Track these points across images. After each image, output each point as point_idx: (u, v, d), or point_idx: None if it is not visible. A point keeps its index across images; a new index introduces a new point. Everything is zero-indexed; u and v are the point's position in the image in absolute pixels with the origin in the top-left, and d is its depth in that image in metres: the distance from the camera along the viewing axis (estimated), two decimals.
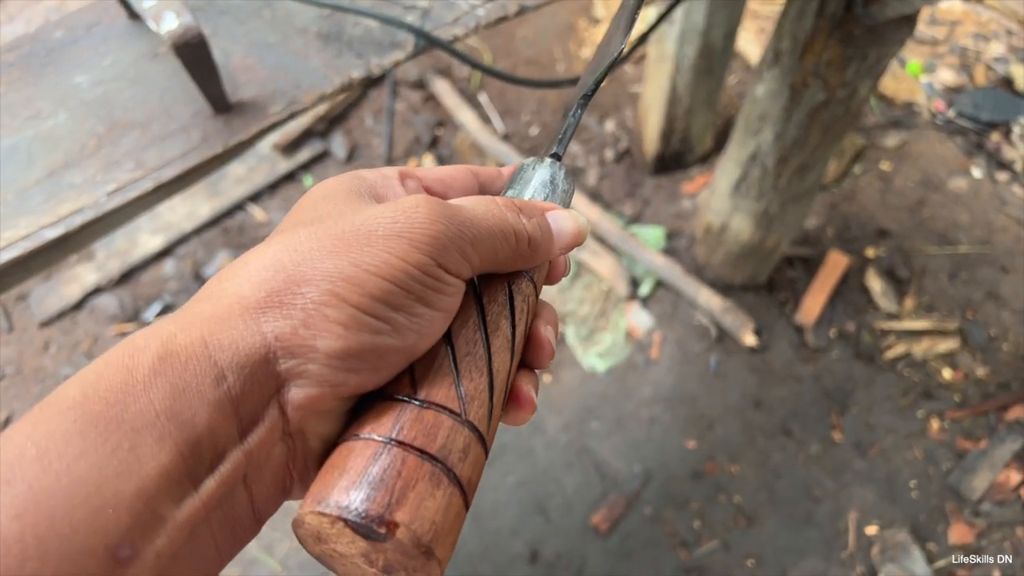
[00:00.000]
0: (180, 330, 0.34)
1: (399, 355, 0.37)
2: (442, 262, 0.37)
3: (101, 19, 0.95)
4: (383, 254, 0.36)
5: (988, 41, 2.60)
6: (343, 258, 0.35)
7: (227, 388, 0.33)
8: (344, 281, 0.35)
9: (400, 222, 0.37)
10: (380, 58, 0.93)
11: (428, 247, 0.37)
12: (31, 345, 2.11)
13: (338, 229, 0.37)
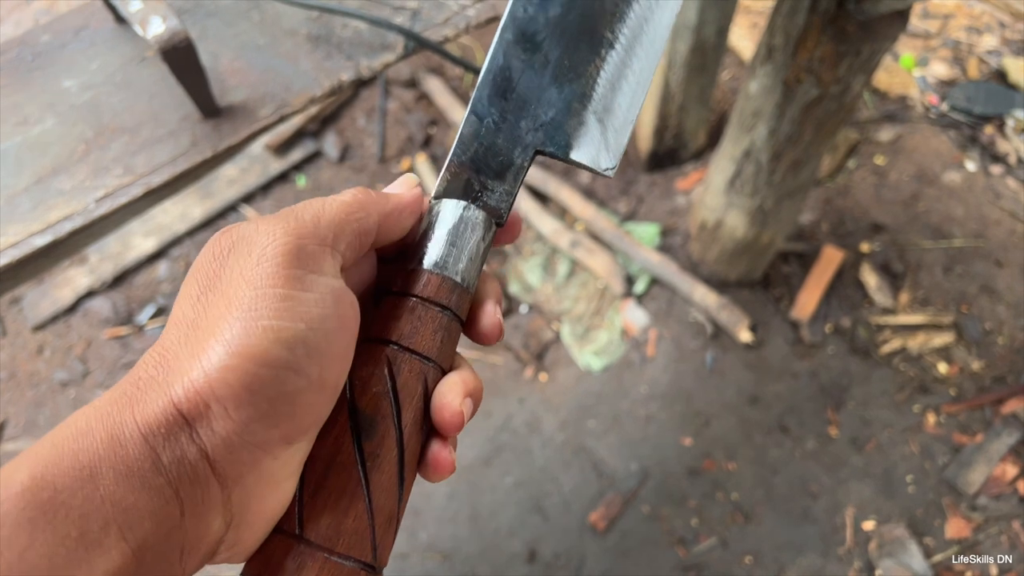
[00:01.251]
0: (118, 410, 0.34)
1: (305, 393, 0.37)
2: (302, 269, 0.38)
3: (88, 23, 0.94)
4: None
5: (981, 34, 2.59)
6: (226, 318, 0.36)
7: (163, 468, 0.33)
8: (231, 336, 0.35)
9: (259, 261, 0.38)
10: (370, 60, 0.92)
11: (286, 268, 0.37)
12: (24, 349, 2.11)
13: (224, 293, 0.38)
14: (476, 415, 1.98)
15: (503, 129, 0.49)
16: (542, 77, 0.50)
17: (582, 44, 0.50)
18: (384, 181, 2.39)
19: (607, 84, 0.50)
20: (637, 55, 0.50)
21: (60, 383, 2.06)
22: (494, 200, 0.49)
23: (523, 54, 0.50)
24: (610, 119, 0.50)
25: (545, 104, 0.50)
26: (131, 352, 2.10)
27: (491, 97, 0.50)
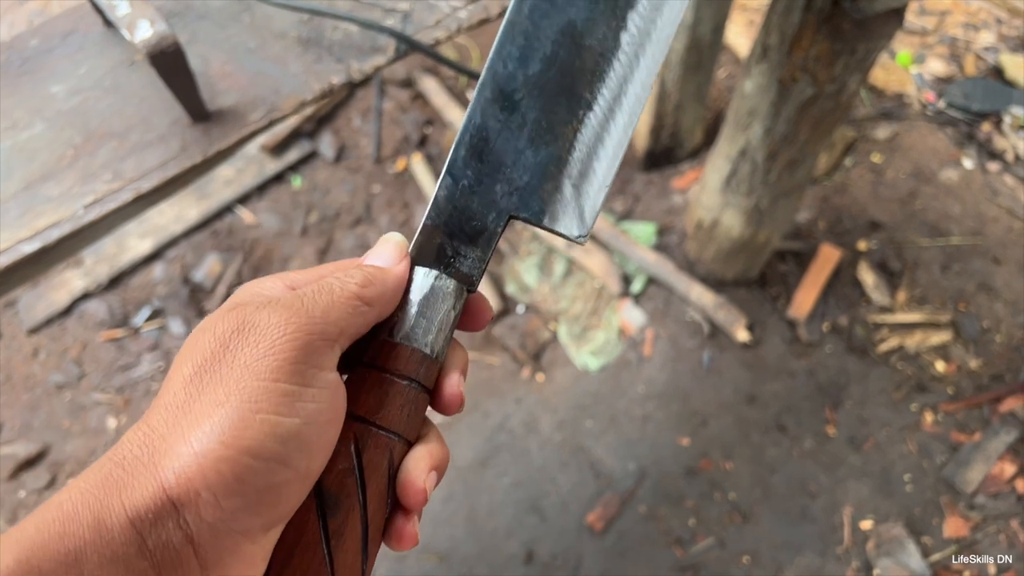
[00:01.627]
0: (105, 494, 0.34)
1: (291, 484, 0.37)
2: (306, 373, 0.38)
3: (77, 27, 0.94)
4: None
5: (978, 30, 2.59)
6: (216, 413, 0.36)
7: (148, 552, 0.33)
8: (223, 431, 0.35)
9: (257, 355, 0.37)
10: (361, 63, 0.91)
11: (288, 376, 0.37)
12: (20, 352, 2.10)
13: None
14: (474, 415, 1.98)
15: (478, 192, 0.49)
16: (519, 139, 0.49)
17: (560, 104, 0.49)
18: (380, 181, 2.38)
19: (584, 148, 0.49)
20: (616, 117, 0.50)
21: (56, 386, 2.05)
22: (466, 267, 0.48)
23: (501, 114, 0.49)
24: (585, 185, 0.49)
25: (521, 167, 0.49)
26: (127, 354, 2.10)
27: (467, 159, 0.49)
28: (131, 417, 2.01)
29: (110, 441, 1.98)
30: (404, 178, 2.40)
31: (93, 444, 1.98)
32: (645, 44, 0.50)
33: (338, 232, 2.30)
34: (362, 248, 2.25)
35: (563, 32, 0.49)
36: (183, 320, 2.14)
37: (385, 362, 0.45)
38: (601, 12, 0.49)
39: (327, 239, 2.28)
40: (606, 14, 0.49)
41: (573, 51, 0.49)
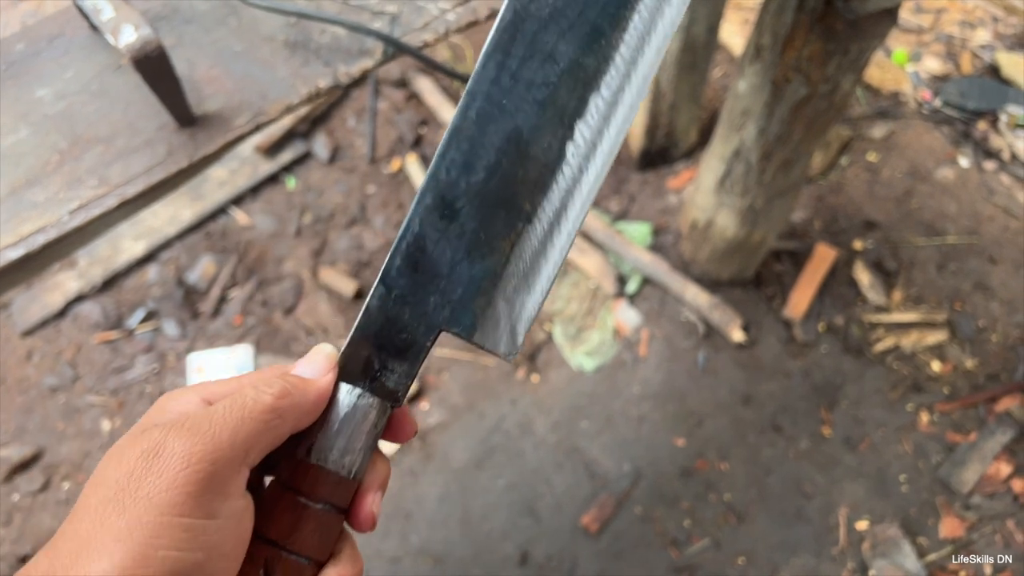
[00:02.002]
0: None
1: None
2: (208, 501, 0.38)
3: (63, 30, 0.93)
4: None
5: (974, 28, 2.58)
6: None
7: None
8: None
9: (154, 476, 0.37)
10: (348, 66, 0.91)
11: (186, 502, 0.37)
12: (14, 355, 2.09)
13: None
14: (468, 416, 1.98)
15: (411, 304, 0.48)
16: (456, 250, 0.48)
17: (500, 216, 0.48)
18: (375, 182, 2.38)
19: (520, 263, 0.49)
20: (556, 232, 0.49)
21: (50, 388, 2.05)
22: (392, 381, 0.47)
23: (440, 223, 0.48)
24: (518, 301, 0.49)
25: (456, 280, 0.48)
26: (121, 357, 2.09)
27: (402, 268, 0.48)
28: (125, 419, 2.00)
29: (104, 443, 1.97)
30: (399, 179, 2.39)
31: (87, 447, 1.97)
32: (591, 156, 0.49)
33: (332, 233, 2.29)
34: (357, 249, 2.25)
35: (509, 140, 0.48)
36: (177, 322, 2.13)
37: (300, 484, 0.44)
38: (549, 121, 0.48)
39: (321, 240, 2.28)
40: (554, 123, 0.48)
41: (517, 161, 0.48)
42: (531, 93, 0.48)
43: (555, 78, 0.48)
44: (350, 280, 2.17)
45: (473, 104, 0.48)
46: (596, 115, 0.48)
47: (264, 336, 2.12)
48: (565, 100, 0.48)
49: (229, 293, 2.20)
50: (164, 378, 2.06)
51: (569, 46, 0.48)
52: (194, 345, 2.11)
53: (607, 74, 0.48)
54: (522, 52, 0.48)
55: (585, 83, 0.48)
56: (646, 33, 0.49)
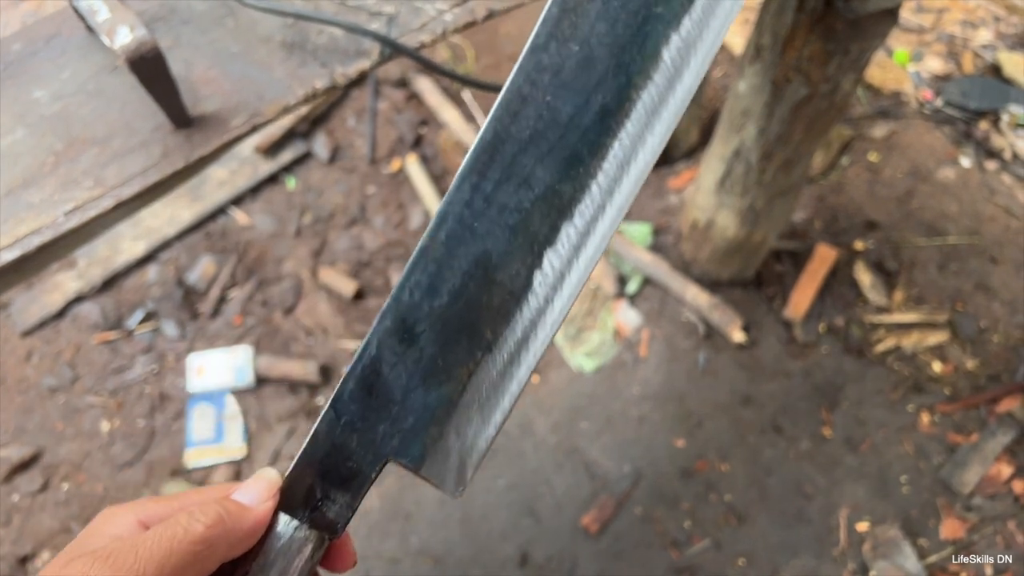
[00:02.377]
0: None
1: None
2: None
3: (60, 31, 0.93)
4: None
5: (976, 28, 2.58)
6: None
7: None
8: None
9: None
10: (345, 67, 0.90)
11: None
12: (13, 355, 2.09)
13: None
14: None
15: (360, 431, 0.47)
16: (412, 376, 0.47)
17: (460, 343, 0.47)
18: (375, 182, 2.37)
19: (476, 394, 0.47)
20: (516, 364, 0.47)
21: (49, 389, 2.05)
22: (333, 512, 0.46)
23: (398, 346, 0.47)
24: (471, 435, 0.47)
25: (409, 408, 0.47)
26: (120, 357, 2.09)
27: (355, 392, 0.47)
28: (124, 420, 2.00)
29: (103, 444, 1.97)
30: (399, 179, 2.39)
31: (87, 447, 1.97)
32: (559, 287, 0.48)
33: (332, 233, 2.29)
34: (357, 250, 2.24)
35: (476, 264, 0.47)
36: (177, 322, 2.13)
37: None
38: (519, 247, 0.47)
39: (321, 240, 2.28)
40: (524, 250, 0.47)
41: (483, 286, 0.47)
42: (503, 217, 0.47)
43: (529, 204, 0.47)
44: (350, 280, 2.17)
45: (443, 225, 0.47)
46: (567, 245, 0.47)
47: (264, 336, 2.12)
48: (537, 227, 0.47)
49: (229, 293, 2.20)
50: (163, 378, 2.06)
51: (546, 171, 0.47)
52: (193, 345, 2.11)
53: (582, 203, 0.47)
54: (498, 175, 0.47)
55: (559, 210, 0.47)
56: (625, 162, 0.47)
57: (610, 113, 0.47)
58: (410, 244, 2.26)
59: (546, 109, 0.47)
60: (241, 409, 2.01)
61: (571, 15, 0.47)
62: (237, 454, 1.95)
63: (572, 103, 0.47)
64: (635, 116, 0.47)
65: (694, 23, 0.47)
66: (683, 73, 0.48)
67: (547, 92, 0.47)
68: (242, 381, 2.02)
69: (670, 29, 0.47)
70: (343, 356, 2.09)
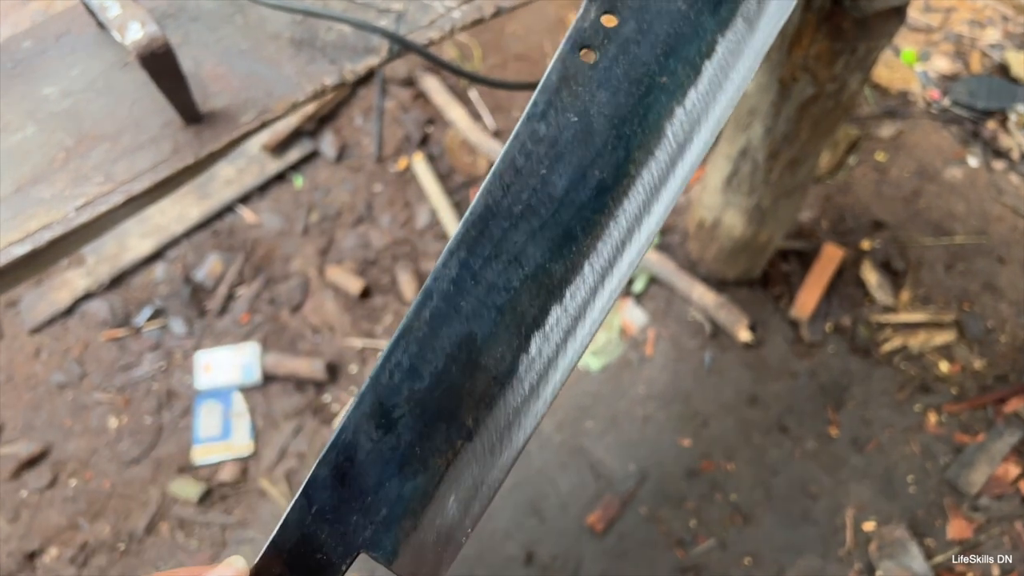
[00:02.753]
0: None
1: None
2: None
3: (70, 28, 0.93)
4: None
5: (983, 28, 2.57)
6: None
7: None
8: None
9: None
10: (354, 64, 0.91)
11: None
12: (22, 352, 2.10)
13: None
14: None
15: (331, 521, 0.44)
16: (387, 464, 0.45)
17: (439, 430, 0.45)
18: (381, 180, 2.38)
19: (454, 486, 0.45)
20: (496, 455, 0.45)
21: (57, 385, 2.06)
22: None
23: (374, 432, 0.45)
24: (447, 528, 0.46)
25: (382, 499, 0.45)
26: (128, 354, 2.10)
27: (328, 480, 0.45)
28: (131, 416, 2.01)
29: (111, 440, 1.98)
30: (406, 177, 2.39)
31: (94, 443, 1.98)
32: (547, 373, 0.45)
33: (339, 231, 2.29)
34: (364, 248, 2.25)
35: (460, 346, 0.45)
36: (184, 320, 2.14)
37: None
38: (506, 329, 0.45)
39: (328, 238, 2.28)
40: (510, 332, 0.45)
41: (466, 370, 0.45)
42: (491, 297, 0.45)
43: (518, 283, 0.45)
44: (356, 278, 2.17)
45: (428, 303, 0.45)
46: (556, 329, 0.45)
47: (271, 334, 2.12)
48: (526, 308, 0.45)
49: (236, 291, 2.20)
50: (171, 375, 2.07)
51: (538, 249, 0.45)
52: (201, 343, 2.11)
53: (573, 284, 0.45)
54: (487, 251, 0.45)
55: (549, 292, 0.45)
56: (622, 243, 0.45)
57: (607, 190, 0.45)
58: (417, 242, 2.26)
59: (540, 183, 0.45)
60: (248, 406, 2.02)
61: (571, 83, 0.45)
62: (244, 451, 1.95)
63: (568, 177, 0.45)
64: (633, 194, 0.45)
65: (700, 96, 0.45)
66: (687, 149, 0.45)
67: (542, 164, 0.45)
68: (249, 378, 2.03)
69: (674, 102, 0.45)
70: (350, 354, 2.10)
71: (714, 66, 0.45)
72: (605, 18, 0.45)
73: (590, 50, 0.45)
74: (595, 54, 0.45)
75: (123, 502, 1.90)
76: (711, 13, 0.44)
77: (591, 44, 0.45)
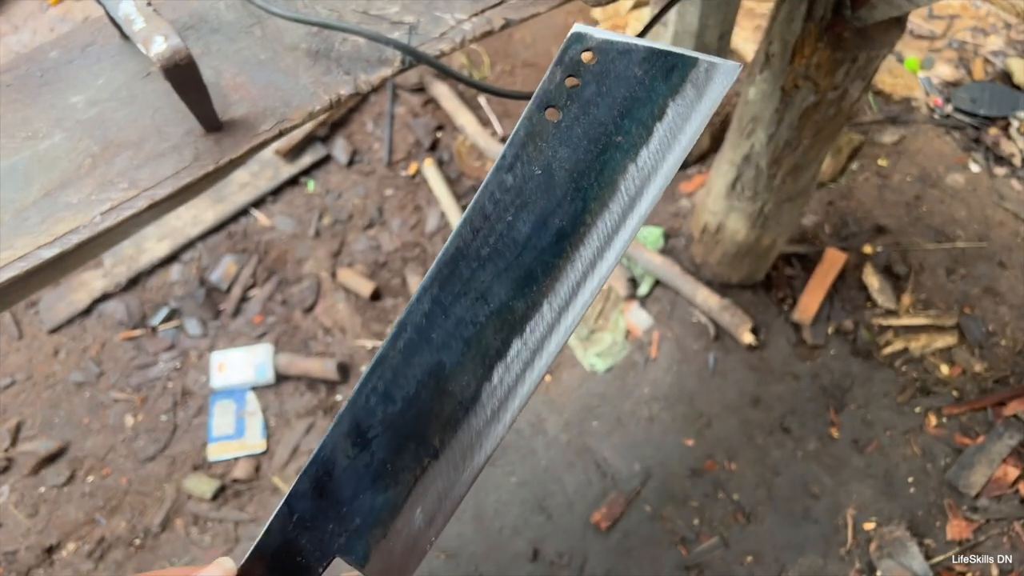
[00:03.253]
0: None
1: None
2: None
3: (95, 39, 0.97)
4: None
5: (986, 35, 2.60)
6: None
7: None
8: None
9: None
10: (368, 75, 0.95)
11: None
12: (40, 352, 2.15)
13: None
14: None
15: (310, 528, 0.50)
16: (362, 478, 0.50)
17: (409, 449, 0.50)
18: (392, 185, 2.42)
19: (421, 499, 0.50)
20: (460, 471, 0.50)
21: (75, 384, 2.10)
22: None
23: (352, 449, 0.50)
24: (411, 537, 0.50)
25: (356, 509, 0.50)
26: (144, 354, 2.14)
27: (308, 491, 0.50)
28: (147, 415, 2.05)
29: (127, 438, 2.02)
30: (416, 182, 2.43)
31: (111, 441, 2.02)
32: (508, 400, 0.50)
33: (351, 234, 2.34)
34: (374, 251, 2.29)
35: (430, 374, 0.49)
36: (199, 320, 2.19)
37: None
38: (471, 359, 0.49)
39: (340, 241, 2.32)
40: (476, 362, 0.49)
41: (434, 395, 0.50)
42: (459, 330, 0.49)
43: (484, 318, 0.49)
44: (367, 281, 2.21)
45: (402, 335, 0.50)
46: (517, 360, 0.50)
47: (283, 335, 2.17)
48: (489, 341, 0.49)
49: (250, 293, 2.25)
50: (186, 375, 2.11)
51: (502, 288, 0.49)
52: (215, 343, 2.16)
53: (533, 320, 0.49)
54: (457, 289, 0.49)
55: (511, 326, 0.49)
56: (577, 284, 0.49)
57: (566, 236, 0.49)
58: (426, 246, 2.30)
59: (506, 228, 0.49)
60: (261, 405, 2.06)
61: (536, 139, 0.49)
62: (257, 449, 2.00)
63: (531, 224, 0.49)
64: (589, 241, 0.49)
65: (651, 154, 0.49)
66: (638, 202, 0.49)
67: (508, 212, 0.49)
68: (262, 378, 2.07)
69: (628, 159, 0.49)
70: (361, 354, 2.14)
71: (664, 127, 0.49)
72: (569, 80, 0.50)
73: (555, 109, 0.50)
74: (559, 114, 0.50)
75: (139, 498, 1.95)
76: (663, 79, 0.48)
77: (556, 104, 0.50)
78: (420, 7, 1.00)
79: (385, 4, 1.01)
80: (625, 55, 0.49)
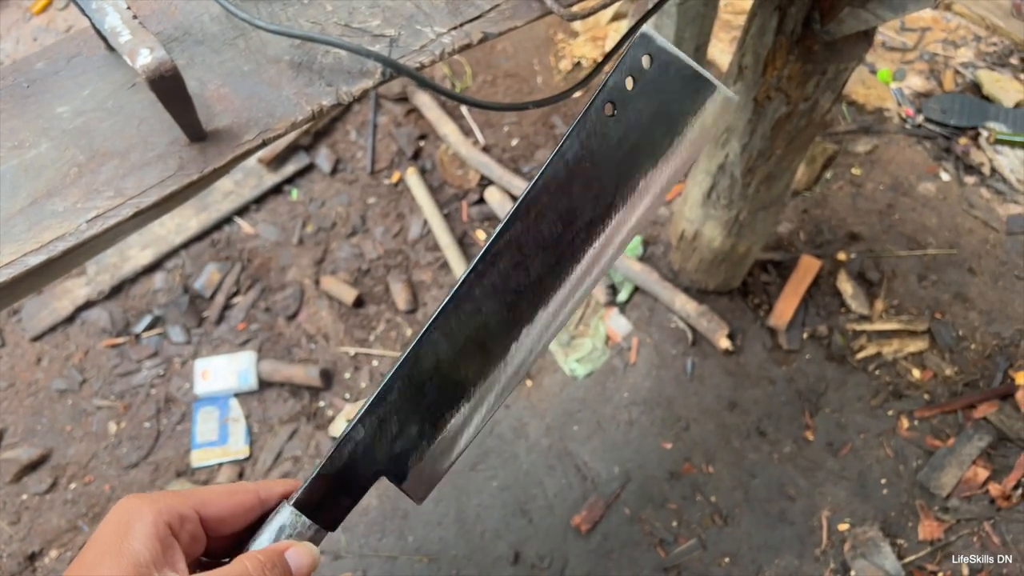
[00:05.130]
0: None
1: None
2: None
3: (81, 51, 0.99)
4: None
5: (957, 47, 2.65)
6: None
7: None
8: None
9: None
10: (349, 86, 0.97)
11: None
12: (23, 359, 2.16)
13: None
14: None
15: (364, 454, 0.58)
16: (412, 413, 0.58)
17: (454, 392, 0.59)
18: (375, 193, 2.44)
19: (455, 435, 0.59)
20: (482, 415, 0.60)
21: (58, 391, 2.11)
22: (335, 513, 0.57)
23: (407, 390, 0.58)
24: (438, 464, 0.60)
25: (404, 436, 0.58)
26: (127, 361, 2.15)
27: (367, 423, 0.58)
28: (130, 422, 2.06)
29: (111, 445, 2.03)
30: (398, 190, 2.46)
31: (94, 448, 2.03)
32: (527, 359, 0.59)
33: (334, 242, 2.36)
34: (358, 258, 2.31)
35: (478, 329, 0.58)
36: (182, 328, 2.20)
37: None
38: (509, 322, 0.58)
39: (323, 249, 2.34)
40: (511, 325, 0.58)
41: (477, 350, 0.58)
42: (505, 297, 0.58)
43: (523, 287, 0.58)
44: (350, 288, 2.23)
45: (466, 294, 0.58)
46: (539, 323, 0.59)
47: (267, 342, 2.18)
48: (524, 308, 0.58)
49: (233, 300, 2.26)
50: (169, 382, 2.12)
51: (541, 261, 0.57)
52: (199, 351, 2.17)
53: (557, 290, 0.59)
54: (516, 258, 0.58)
55: (541, 295, 0.58)
56: (590, 266, 0.58)
57: (596, 221, 0.57)
58: (409, 253, 2.33)
59: (566, 205, 0.57)
60: (244, 412, 2.07)
61: (595, 131, 0.56)
62: (240, 455, 2.01)
63: (579, 204, 0.57)
64: (608, 228, 0.57)
65: (666, 162, 0.56)
66: (644, 200, 0.57)
67: (563, 192, 0.57)
68: (246, 385, 2.09)
69: (649, 163, 0.56)
70: (344, 361, 2.16)
71: (683, 142, 0.57)
72: (628, 81, 0.56)
73: (612, 104, 0.57)
74: (614, 109, 0.56)
75: None
76: (691, 98, 0.55)
77: (615, 100, 0.56)
78: (401, 21, 1.03)
79: (366, 17, 1.04)
80: (673, 66, 0.54)
